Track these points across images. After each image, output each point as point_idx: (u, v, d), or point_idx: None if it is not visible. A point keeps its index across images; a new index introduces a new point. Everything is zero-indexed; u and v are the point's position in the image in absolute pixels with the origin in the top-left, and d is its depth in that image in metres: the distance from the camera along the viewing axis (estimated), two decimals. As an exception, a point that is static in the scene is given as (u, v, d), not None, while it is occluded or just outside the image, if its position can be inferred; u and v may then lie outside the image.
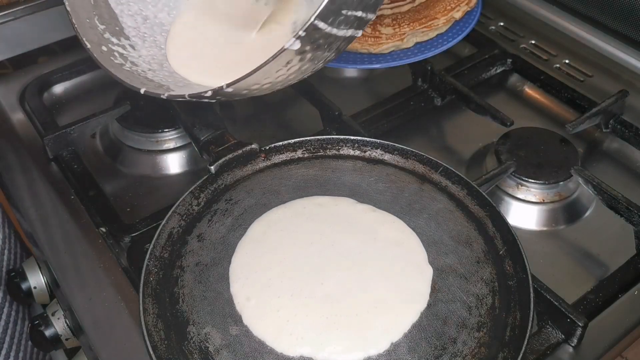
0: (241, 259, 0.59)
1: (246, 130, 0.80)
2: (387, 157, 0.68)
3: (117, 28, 0.67)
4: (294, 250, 0.60)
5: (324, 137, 0.69)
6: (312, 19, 0.50)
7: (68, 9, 0.63)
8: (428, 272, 0.58)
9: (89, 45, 0.62)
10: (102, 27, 0.65)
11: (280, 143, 0.69)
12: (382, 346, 0.53)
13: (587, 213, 0.70)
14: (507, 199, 0.70)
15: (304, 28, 0.51)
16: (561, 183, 0.70)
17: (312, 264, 0.58)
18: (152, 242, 0.60)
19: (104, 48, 0.65)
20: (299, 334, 0.53)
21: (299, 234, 0.61)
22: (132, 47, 0.67)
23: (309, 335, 0.53)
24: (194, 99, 0.57)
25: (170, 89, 0.63)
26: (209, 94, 0.56)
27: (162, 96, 0.58)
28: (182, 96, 0.57)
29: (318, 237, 0.60)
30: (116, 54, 0.65)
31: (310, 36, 0.52)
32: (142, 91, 0.59)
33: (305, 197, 0.64)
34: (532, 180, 0.69)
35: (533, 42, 0.91)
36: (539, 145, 0.73)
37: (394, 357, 0.52)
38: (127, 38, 0.68)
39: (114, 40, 0.66)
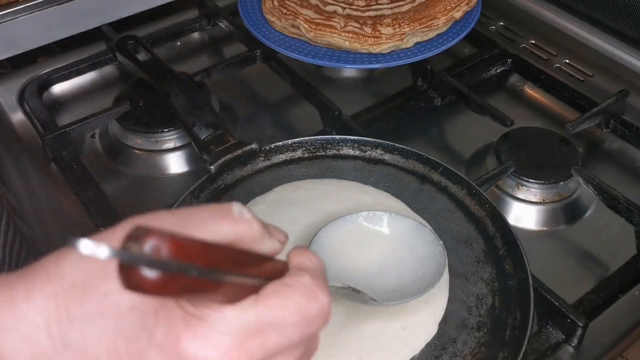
0: None
1: (246, 130, 0.80)
2: (387, 157, 0.68)
3: None
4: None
5: (324, 137, 0.69)
6: None
7: None
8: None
9: None
10: None
11: (280, 143, 0.69)
12: None
13: (587, 213, 0.70)
14: (507, 199, 0.70)
15: None
16: (561, 183, 0.69)
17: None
18: (152, 242, 0.60)
19: None
20: None
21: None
22: None
23: None
24: None
25: None
26: None
27: None
28: None
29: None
30: None
31: None
32: None
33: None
34: (532, 180, 0.69)
35: (533, 42, 0.91)
36: (539, 145, 0.73)
37: (394, 357, 0.52)
38: None
39: None
